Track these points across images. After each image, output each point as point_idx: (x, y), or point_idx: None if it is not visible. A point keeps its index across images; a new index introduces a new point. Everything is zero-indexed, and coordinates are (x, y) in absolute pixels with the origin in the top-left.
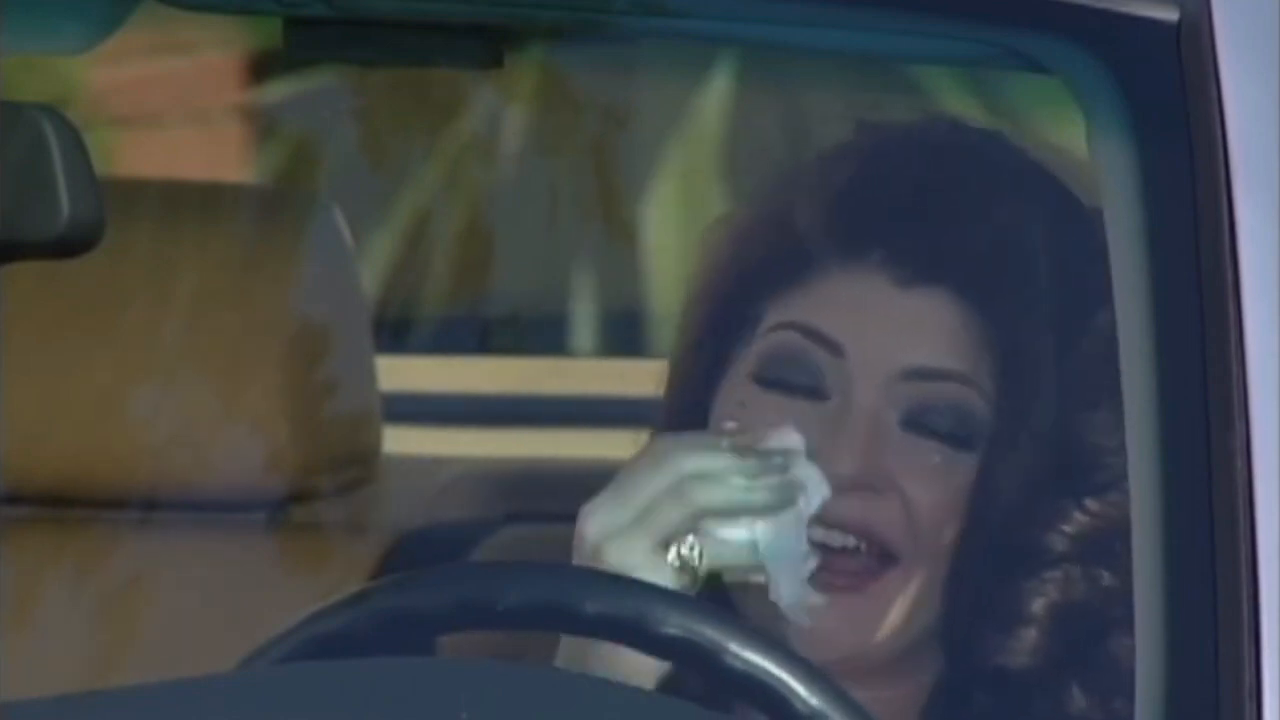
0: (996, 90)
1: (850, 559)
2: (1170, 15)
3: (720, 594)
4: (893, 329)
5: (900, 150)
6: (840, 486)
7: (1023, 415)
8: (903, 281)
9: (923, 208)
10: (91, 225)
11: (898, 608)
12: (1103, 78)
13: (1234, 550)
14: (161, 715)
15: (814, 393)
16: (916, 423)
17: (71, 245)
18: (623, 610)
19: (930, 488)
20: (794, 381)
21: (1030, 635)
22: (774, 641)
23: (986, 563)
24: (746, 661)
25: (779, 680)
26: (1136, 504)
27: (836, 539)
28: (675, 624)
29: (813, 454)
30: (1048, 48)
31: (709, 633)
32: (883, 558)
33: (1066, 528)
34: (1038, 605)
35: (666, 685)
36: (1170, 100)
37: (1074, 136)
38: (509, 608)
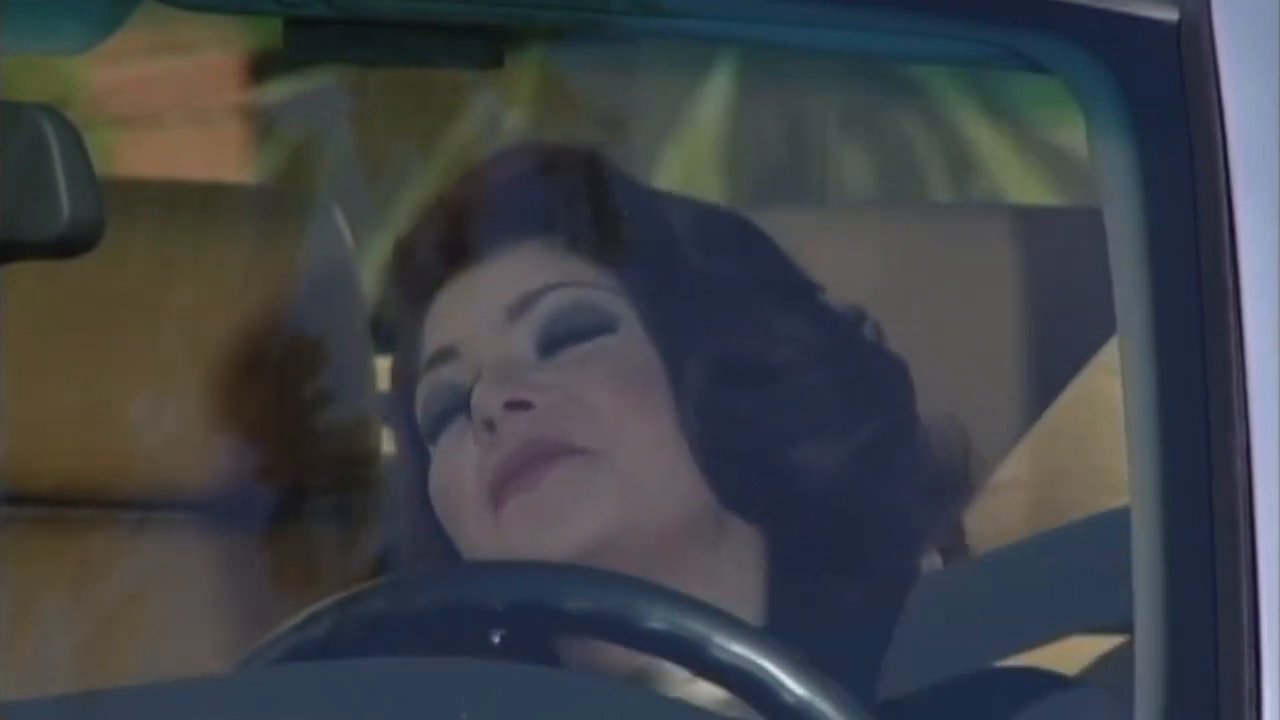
0: (996, 90)
1: (548, 474)
2: (1170, 15)
3: None
4: (478, 296)
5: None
6: (505, 418)
7: (651, 291)
8: (484, 259)
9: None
10: (91, 225)
11: (615, 493)
12: (1103, 78)
13: (1234, 550)
14: (161, 715)
15: (461, 408)
16: (547, 342)
17: (71, 245)
18: (607, 606)
19: (593, 380)
20: (447, 417)
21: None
22: (760, 633)
23: (707, 435)
24: (733, 653)
25: (766, 671)
26: (1137, 504)
27: (534, 469)
28: (660, 618)
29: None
30: (1048, 48)
31: (694, 626)
32: (576, 457)
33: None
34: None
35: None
36: (1170, 100)
37: (1074, 136)
38: (493, 607)
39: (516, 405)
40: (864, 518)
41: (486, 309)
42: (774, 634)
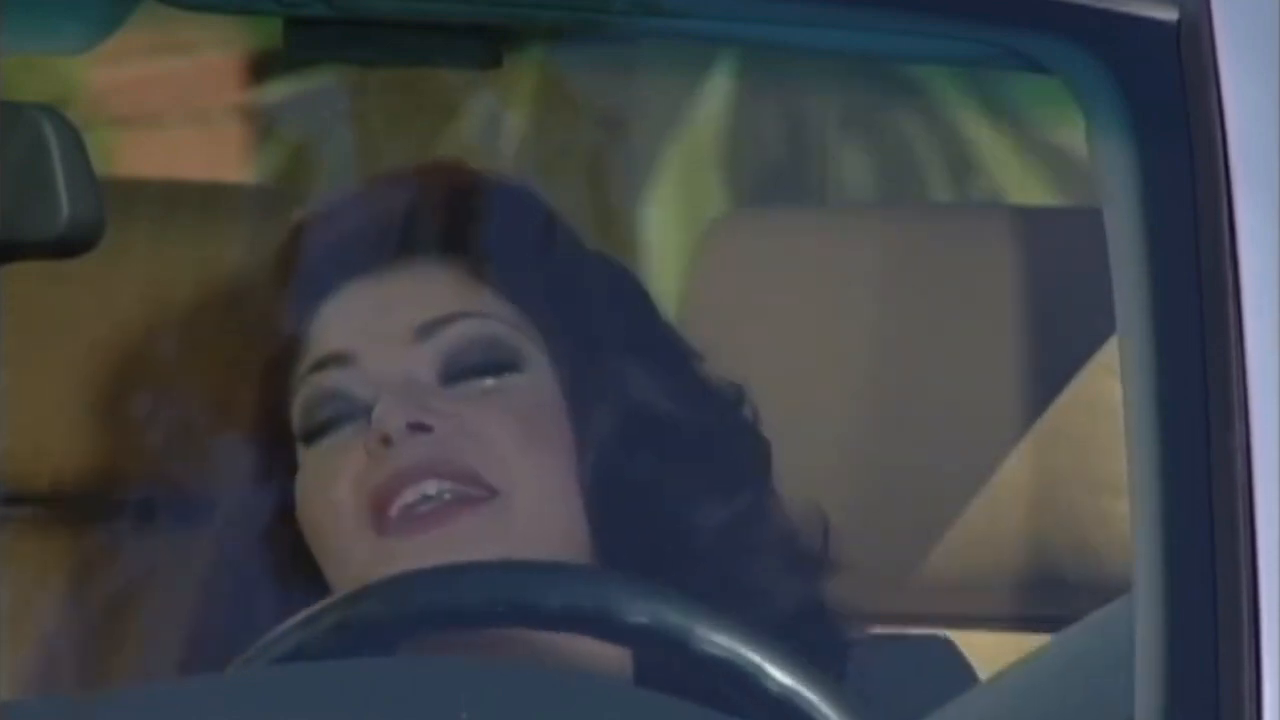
0: (996, 90)
1: (450, 501)
2: (1170, 15)
3: None
4: (387, 308)
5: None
6: (401, 436)
7: (560, 330)
8: (377, 272)
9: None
10: (91, 225)
11: (511, 538)
12: (1103, 78)
13: (1234, 550)
14: (161, 715)
15: (346, 419)
16: (452, 370)
17: (71, 245)
18: (587, 601)
19: (494, 417)
20: (328, 423)
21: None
22: (742, 623)
23: (599, 486)
24: (715, 644)
25: (749, 661)
26: (1137, 504)
27: (431, 486)
28: (641, 611)
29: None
30: (1048, 48)
31: (675, 618)
32: (470, 495)
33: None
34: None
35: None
36: (1170, 100)
37: (1074, 136)
38: (472, 607)
39: (418, 427)
40: (728, 585)
41: (392, 323)
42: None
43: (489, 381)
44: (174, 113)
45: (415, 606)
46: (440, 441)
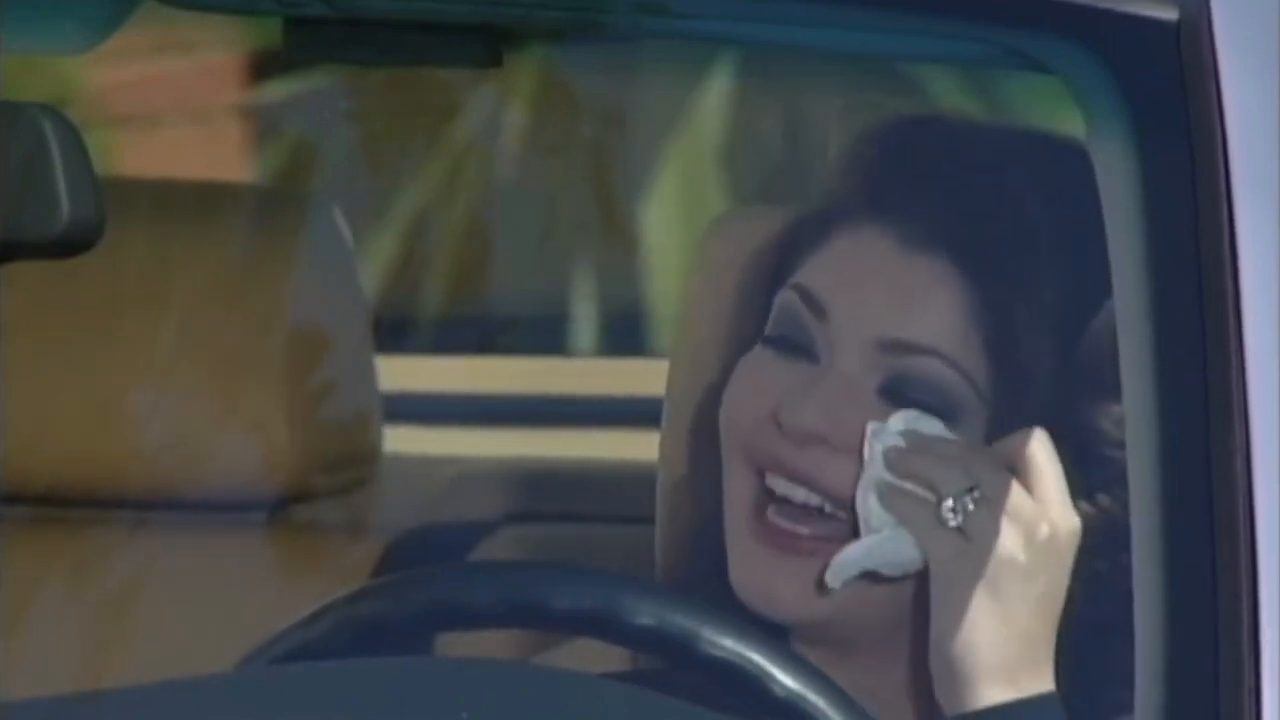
0: (996, 90)
1: (811, 517)
2: (1170, 15)
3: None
4: (880, 296)
5: (923, 129)
6: (801, 440)
7: (1013, 401)
8: (902, 248)
9: (937, 183)
10: (91, 225)
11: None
12: (1103, 78)
13: (1234, 550)
14: (161, 715)
15: (806, 354)
16: (893, 393)
17: (71, 245)
18: (594, 604)
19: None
20: (791, 341)
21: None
22: (748, 626)
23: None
24: (722, 647)
25: (755, 665)
26: (1136, 504)
27: (800, 494)
28: (648, 614)
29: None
30: (1048, 48)
31: (682, 621)
32: (846, 521)
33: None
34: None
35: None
36: (1170, 100)
37: (1074, 136)
38: (479, 608)
39: (816, 438)
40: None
41: (876, 313)
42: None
43: (923, 425)
44: (174, 113)
45: (420, 606)
46: (824, 460)
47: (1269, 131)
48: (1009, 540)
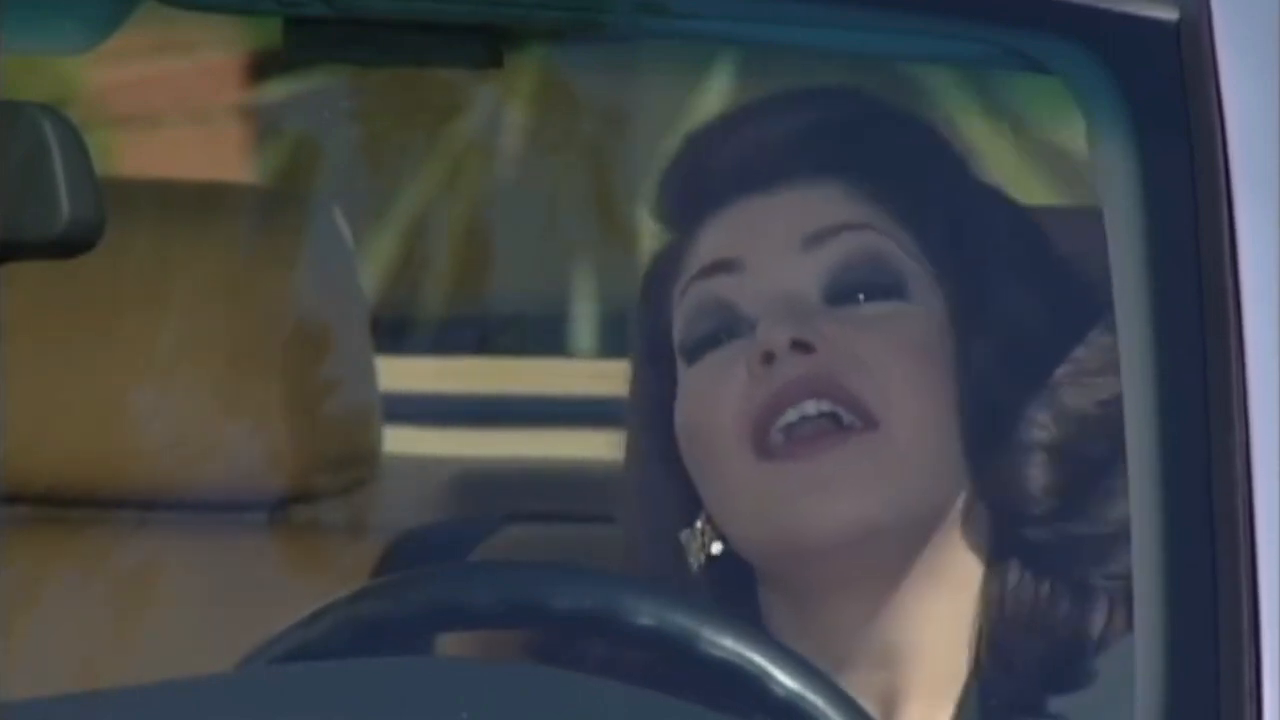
0: (996, 90)
1: (830, 424)
2: (1170, 15)
3: None
4: (775, 218)
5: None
6: (786, 354)
7: (956, 267)
8: (768, 188)
9: (770, 134)
10: (91, 225)
11: (876, 478)
12: (1103, 78)
13: (1234, 550)
14: (161, 715)
15: (732, 330)
16: (837, 287)
17: (71, 245)
18: (594, 604)
19: (872, 339)
20: (713, 335)
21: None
22: (749, 626)
23: (979, 426)
24: (722, 647)
25: (755, 665)
26: (1136, 504)
27: (810, 407)
28: (648, 614)
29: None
30: (1048, 48)
31: (682, 621)
32: (848, 427)
33: (1053, 394)
34: (1036, 479)
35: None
36: (1170, 100)
37: (1074, 136)
38: (480, 608)
39: (801, 345)
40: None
41: (780, 232)
42: None
43: (875, 305)
44: (174, 113)
45: (420, 606)
46: (823, 361)
47: (1269, 131)
48: None
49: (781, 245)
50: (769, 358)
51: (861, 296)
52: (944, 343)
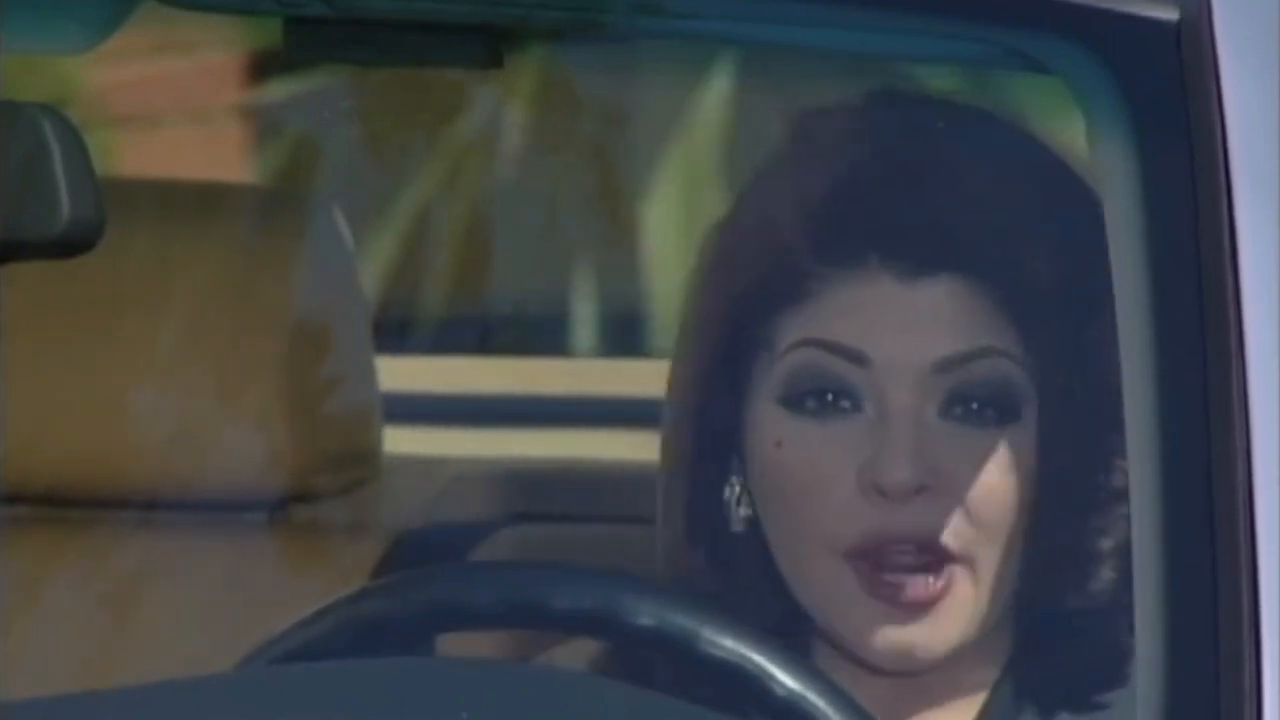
0: (996, 90)
1: (924, 575)
2: (1170, 15)
3: None
4: (911, 326)
5: (860, 135)
6: (902, 496)
7: (1062, 379)
8: (907, 277)
9: (907, 195)
10: (91, 225)
11: (973, 604)
12: (1103, 78)
13: (1234, 550)
14: (161, 715)
15: (847, 408)
16: (955, 409)
17: (71, 245)
18: (594, 604)
19: (984, 470)
20: (824, 399)
21: (1106, 608)
22: (749, 626)
23: (1057, 546)
24: (722, 647)
25: (756, 665)
26: (1136, 504)
27: (914, 549)
28: (648, 614)
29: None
30: (1048, 48)
31: (682, 621)
32: (951, 562)
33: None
34: (1107, 580)
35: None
36: (1170, 100)
37: (1074, 136)
38: (480, 608)
39: (920, 488)
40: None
41: (914, 345)
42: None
43: (993, 432)
44: (174, 113)
45: (421, 606)
46: (931, 507)
47: (1269, 131)
48: None
49: (915, 363)
50: (881, 491)
51: (983, 425)
52: (1033, 466)
